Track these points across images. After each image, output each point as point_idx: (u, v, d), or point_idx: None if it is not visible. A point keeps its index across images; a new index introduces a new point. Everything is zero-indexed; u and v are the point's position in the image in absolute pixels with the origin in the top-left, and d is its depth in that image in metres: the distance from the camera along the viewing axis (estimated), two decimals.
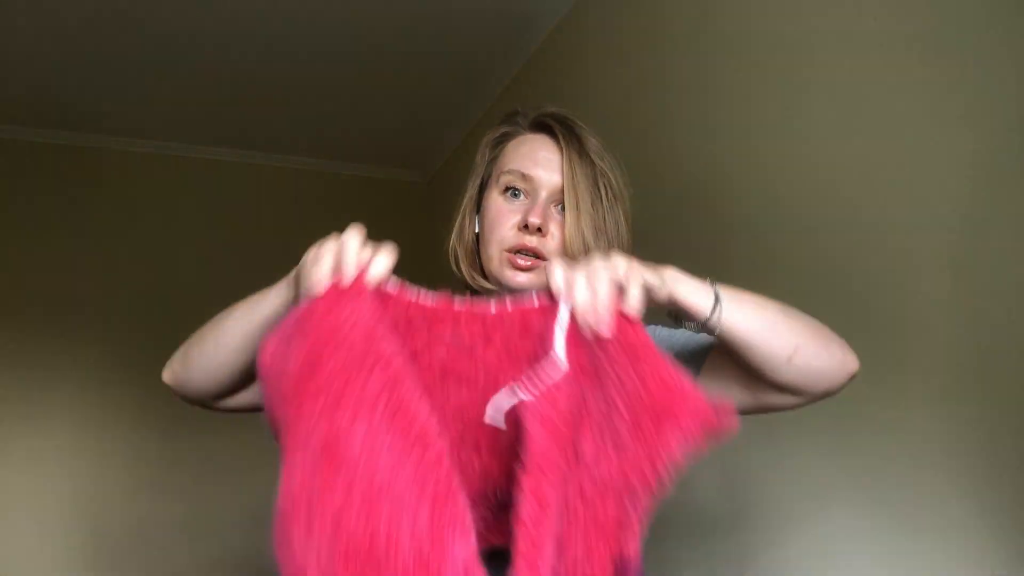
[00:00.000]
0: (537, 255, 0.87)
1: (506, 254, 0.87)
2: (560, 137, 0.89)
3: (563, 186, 0.87)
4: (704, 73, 1.67)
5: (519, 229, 0.87)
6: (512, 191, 0.90)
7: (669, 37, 1.84)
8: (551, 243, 0.87)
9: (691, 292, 0.69)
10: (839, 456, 1.23)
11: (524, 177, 0.89)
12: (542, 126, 0.93)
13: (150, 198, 3.65)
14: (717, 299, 0.69)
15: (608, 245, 0.88)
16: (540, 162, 0.89)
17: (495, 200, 0.91)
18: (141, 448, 3.42)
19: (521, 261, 0.87)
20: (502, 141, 0.96)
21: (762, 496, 1.40)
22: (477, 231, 0.93)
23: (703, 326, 0.70)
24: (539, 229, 0.86)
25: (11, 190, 3.42)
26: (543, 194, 0.88)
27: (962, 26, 1.05)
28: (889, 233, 1.15)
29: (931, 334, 1.08)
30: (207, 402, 0.84)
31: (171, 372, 0.84)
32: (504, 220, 0.89)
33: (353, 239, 0.64)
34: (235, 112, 3.37)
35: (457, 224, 0.96)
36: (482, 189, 0.96)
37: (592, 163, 0.89)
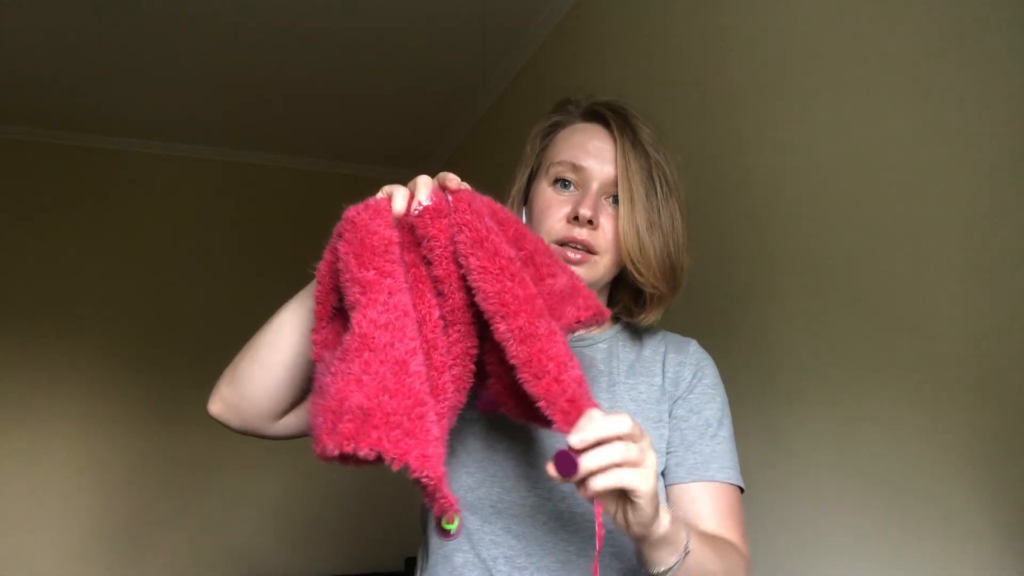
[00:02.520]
0: (587, 248, 0.84)
1: (554, 247, 0.84)
2: (614, 127, 0.86)
3: (616, 177, 0.84)
4: (704, 76, 1.67)
5: (568, 221, 0.84)
6: (562, 182, 0.87)
7: (668, 40, 1.84)
8: (602, 236, 0.84)
9: (663, 546, 0.66)
10: (841, 455, 1.23)
11: (575, 168, 0.86)
12: (595, 115, 0.90)
13: (150, 198, 3.65)
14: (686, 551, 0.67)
15: (663, 240, 0.85)
16: (592, 152, 0.86)
17: (544, 191, 0.87)
18: (141, 447, 3.41)
19: (571, 254, 0.83)
20: (552, 131, 0.92)
21: (761, 495, 1.40)
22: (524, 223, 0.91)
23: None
24: (590, 221, 0.83)
25: (11, 190, 3.42)
26: (594, 185, 0.85)
27: (977, 22, 1.05)
28: (901, 233, 1.15)
29: (942, 334, 1.07)
30: (262, 425, 0.78)
31: (219, 399, 0.77)
32: (553, 211, 0.85)
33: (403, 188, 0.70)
34: (235, 112, 3.36)
35: None
36: (531, 180, 0.93)
37: (647, 154, 0.85)
